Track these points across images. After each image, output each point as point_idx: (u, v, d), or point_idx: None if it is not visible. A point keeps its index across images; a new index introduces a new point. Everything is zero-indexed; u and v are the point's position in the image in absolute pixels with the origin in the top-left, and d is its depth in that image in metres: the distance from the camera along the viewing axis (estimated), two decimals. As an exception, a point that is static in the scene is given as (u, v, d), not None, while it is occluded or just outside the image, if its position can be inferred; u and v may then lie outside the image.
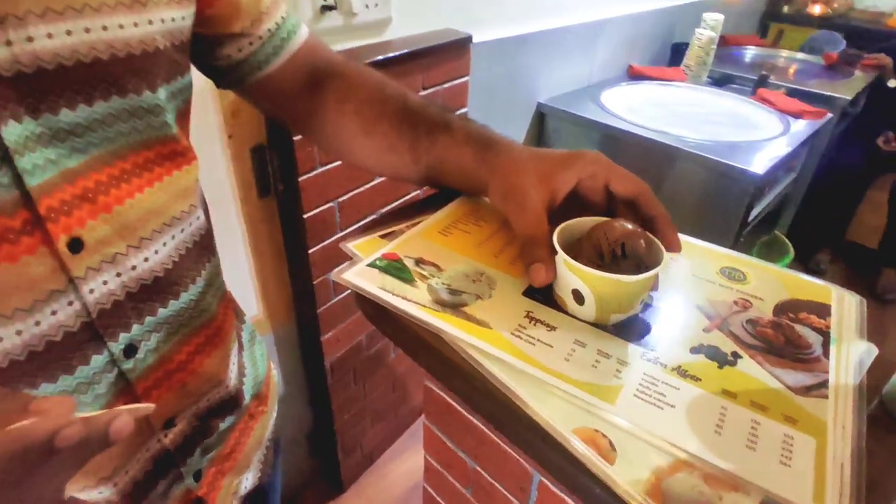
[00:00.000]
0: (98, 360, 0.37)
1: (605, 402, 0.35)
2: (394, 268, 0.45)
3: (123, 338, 0.39)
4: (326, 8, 1.11)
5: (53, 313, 0.34)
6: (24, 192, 0.32)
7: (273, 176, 1.08)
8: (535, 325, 0.40)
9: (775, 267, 0.45)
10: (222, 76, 0.50)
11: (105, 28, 0.33)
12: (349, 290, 0.43)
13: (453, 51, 1.28)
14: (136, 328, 0.39)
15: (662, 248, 0.39)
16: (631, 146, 1.60)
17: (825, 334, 0.40)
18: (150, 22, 0.36)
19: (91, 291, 0.36)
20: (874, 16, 3.03)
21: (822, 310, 0.42)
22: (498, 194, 0.45)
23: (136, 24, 0.35)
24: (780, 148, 1.55)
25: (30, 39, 0.30)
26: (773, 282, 0.44)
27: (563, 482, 0.32)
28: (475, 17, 1.41)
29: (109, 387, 0.38)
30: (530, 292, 0.43)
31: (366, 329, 1.36)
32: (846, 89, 2.02)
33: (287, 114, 0.56)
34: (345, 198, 1.16)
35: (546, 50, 1.68)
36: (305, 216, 1.08)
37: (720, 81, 2.10)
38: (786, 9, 3.05)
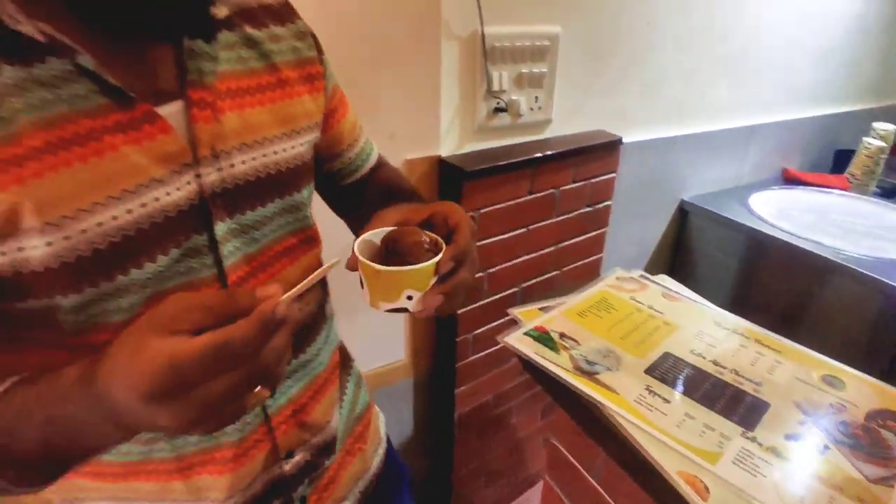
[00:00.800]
0: None
1: (707, 462, 0.46)
2: (543, 338, 0.60)
3: None
4: (498, 110, 1.34)
5: None
6: (222, 271, 0.45)
7: (436, 245, 1.29)
8: (653, 396, 0.52)
9: (873, 380, 0.52)
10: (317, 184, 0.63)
11: (275, 153, 0.49)
12: (488, 350, 0.57)
13: (604, 150, 1.45)
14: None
15: (436, 258, 0.44)
16: (779, 253, 1.60)
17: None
18: (301, 144, 0.53)
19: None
20: None
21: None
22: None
23: (293, 147, 0.51)
24: (957, 271, 1.45)
25: (232, 166, 0.46)
26: (869, 392, 0.52)
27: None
28: (627, 120, 1.57)
29: (254, 418, 0.51)
30: (650, 370, 0.55)
31: (495, 389, 1.49)
32: None
33: (348, 215, 0.70)
34: (493, 269, 1.34)
35: (695, 150, 1.77)
36: (458, 282, 1.27)
37: (890, 193, 2.01)
38: None
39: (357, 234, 0.65)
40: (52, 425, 0.36)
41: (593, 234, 1.56)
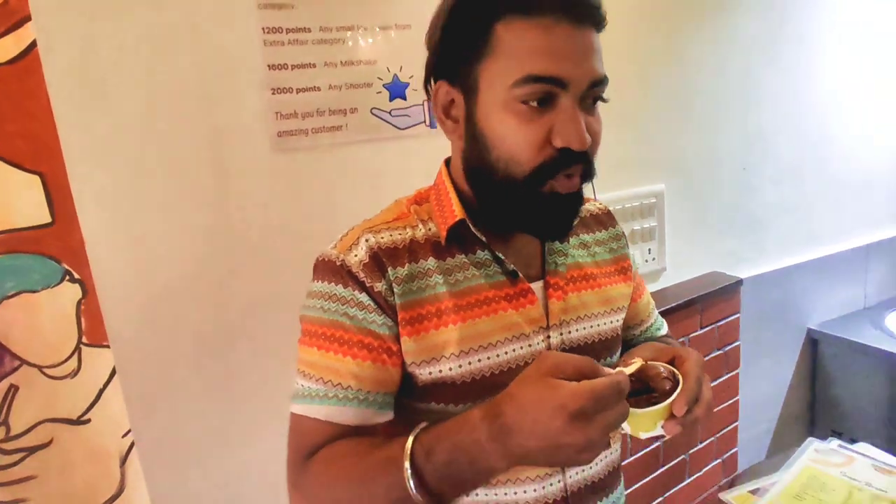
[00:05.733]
0: None
1: None
2: (766, 522, 0.61)
3: None
4: (614, 266, 1.43)
5: (551, 485, 0.63)
6: None
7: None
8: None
9: None
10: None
11: (599, 325, 0.68)
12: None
13: (725, 292, 1.50)
14: None
15: (668, 400, 0.53)
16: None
17: None
18: (616, 320, 0.70)
19: (570, 477, 0.65)
20: None
21: None
22: None
23: (610, 322, 0.69)
24: None
25: (570, 332, 0.65)
26: None
27: None
28: (738, 258, 1.64)
29: None
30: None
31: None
32: None
33: None
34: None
35: (812, 277, 1.80)
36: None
37: None
38: None
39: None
40: (456, 450, 0.49)
41: (727, 377, 1.56)
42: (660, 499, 1.43)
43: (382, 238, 0.61)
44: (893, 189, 1.97)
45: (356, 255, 0.59)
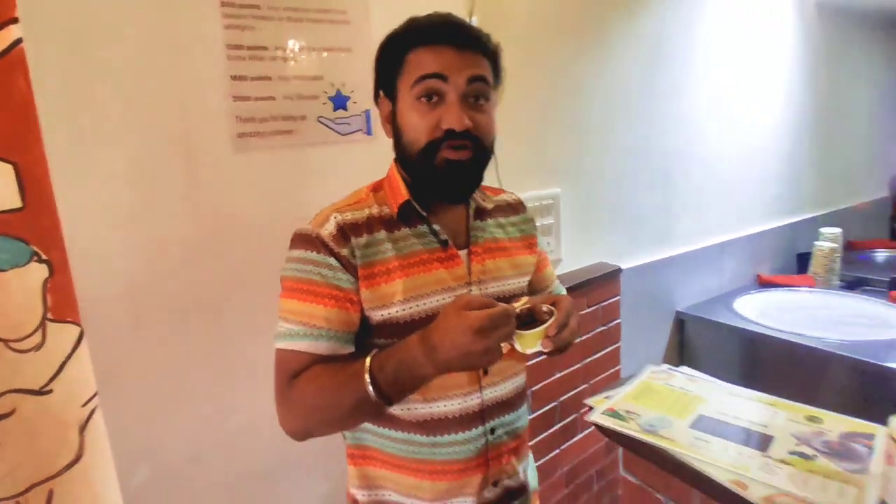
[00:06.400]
0: (479, 429, 0.83)
1: (743, 472, 0.74)
2: (615, 415, 0.89)
3: (491, 423, 0.84)
4: (519, 256, 1.71)
5: (472, 399, 0.83)
6: None
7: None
8: (699, 441, 0.81)
9: (844, 416, 0.83)
10: None
11: (509, 284, 0.88)
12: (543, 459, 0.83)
13: (608, 278, 1.82)
14: (497, 420, 0.85)
15: (546, 324, 0.74)
16: (770, 348, 1.93)
17: (869, 448, 0.76)
18: (522, 281, 0.91)
19: (485, 395, 0.84)
20: None
21: (869, 437, 0.79)
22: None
23: (518, 282, 0.90)
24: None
25: (486, 288, 0.85)
26: (841, 422, 0.82)
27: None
28: (620, 251, 1.98)
29: (478, 445, 0.83)
30: (693, 426, 0.84)
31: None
32: None
33: None
34: (536, 388, 1.63)
35: (679, 269, 2.18)
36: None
37: (853, 285, 2.39)
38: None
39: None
40: (400, 364, 0.70)
41: (610, 349, 1.88)
42: (557, 450, 1.73)
43: (347, 216, 0.80)
44: (744, 196, 2.43)
45: (327, 229, 0.78)
